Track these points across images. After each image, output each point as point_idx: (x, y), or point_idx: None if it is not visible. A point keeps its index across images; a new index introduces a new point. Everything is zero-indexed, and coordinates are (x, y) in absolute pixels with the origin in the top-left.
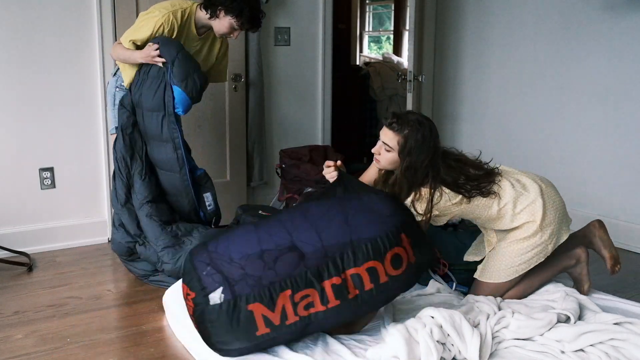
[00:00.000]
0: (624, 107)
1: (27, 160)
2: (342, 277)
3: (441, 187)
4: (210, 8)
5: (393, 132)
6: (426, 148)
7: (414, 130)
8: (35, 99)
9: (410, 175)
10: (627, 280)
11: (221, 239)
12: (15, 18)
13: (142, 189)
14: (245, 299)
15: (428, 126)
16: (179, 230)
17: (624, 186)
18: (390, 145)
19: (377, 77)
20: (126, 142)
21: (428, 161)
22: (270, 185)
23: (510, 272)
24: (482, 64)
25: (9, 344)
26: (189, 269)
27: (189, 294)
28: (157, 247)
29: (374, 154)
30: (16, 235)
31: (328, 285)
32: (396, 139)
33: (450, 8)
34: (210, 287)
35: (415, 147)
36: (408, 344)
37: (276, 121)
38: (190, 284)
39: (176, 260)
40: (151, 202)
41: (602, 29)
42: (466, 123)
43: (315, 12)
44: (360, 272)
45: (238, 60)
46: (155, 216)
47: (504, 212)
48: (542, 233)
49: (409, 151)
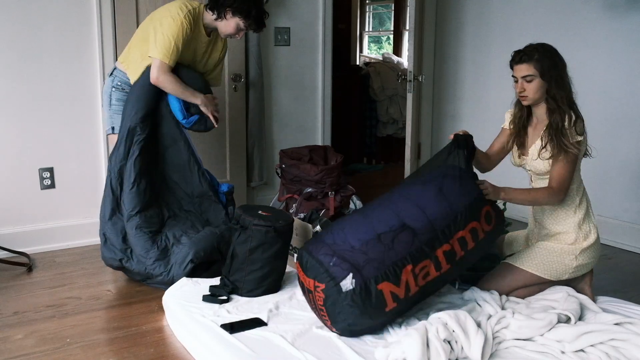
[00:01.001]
0: (624, 107)
1: (27, 160)
2: (450, 242)
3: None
4: (217, 9)
5: (525, 64)
6: (559, 62)
7: (541, 51)
8: (35, 99)
9: (561, 88)
10: (627, 280)
11: (334, 231)
12: (15, 18)
13: (132, 198)
14: (374, 280)
15: (549, 46)
16: (168, 240)
17: (624, 186)
18: (531, 74)
19: (377, 77)
20: (125, 151)
21: (566, 74)
22: (270, 186)
23: (548, 270)
24: (482, 64)
25: (8, 344)
26: (313, 264)
27: (317, 287)
28: (148, 260)
29: (518, 93)
30: (16, 235)
31: (440, 253)
32: (532, 66)
33: (450, 8)
34: (339, 276)
35: (552, 64)
36: (423, 345)
37: (276, 121)
38: (317, 277)
39: (168, 271)
40: (140, 212)
41: (602, 29)
42: (466, 123)
43: (315, 12)
44: (464, 235)
45: (238, 60)
46: (144, 228)
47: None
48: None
49: (549, 68)
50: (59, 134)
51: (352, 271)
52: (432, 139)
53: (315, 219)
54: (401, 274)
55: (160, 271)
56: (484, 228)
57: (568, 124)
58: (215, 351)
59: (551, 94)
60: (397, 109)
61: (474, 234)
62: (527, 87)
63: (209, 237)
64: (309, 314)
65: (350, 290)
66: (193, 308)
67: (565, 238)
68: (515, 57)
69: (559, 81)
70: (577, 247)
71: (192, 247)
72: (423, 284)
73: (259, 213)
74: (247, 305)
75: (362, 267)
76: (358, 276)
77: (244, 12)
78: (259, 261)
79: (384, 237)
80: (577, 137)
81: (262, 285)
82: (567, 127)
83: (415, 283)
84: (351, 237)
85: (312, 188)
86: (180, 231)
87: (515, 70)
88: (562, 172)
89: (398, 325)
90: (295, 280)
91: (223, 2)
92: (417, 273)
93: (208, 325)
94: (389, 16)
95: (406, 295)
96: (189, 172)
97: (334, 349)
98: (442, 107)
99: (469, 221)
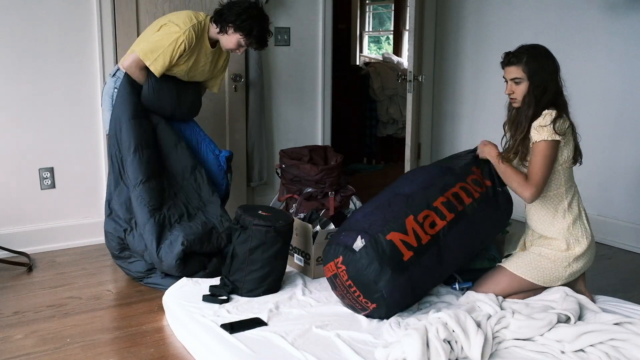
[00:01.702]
0: (624, 107)
1: (27, 160)
2: (445, 195)
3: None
4: (220, 23)
5: (514, 66)
6: (548, 65)
7: (530, 54)
8: (35, 99)
9: (540, 92)
10: (627, 280)
11: (347, 220)
12: (15, 19)
13: (134, 168)
14: (382, 233)
15: (541, 47)
16: (165, 219)
17: (624, 186)
18: (519, 77)
19: (377, 77)
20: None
21: (554, 79)
22: (270, 186)
23: (538, 275)
24: (482, 63)
25: (8, 344)
26: (328, 249)
27: (337, 264)
28: (144, 232)
29: (508, 95)
30: (16, 235)
31: (438, 203)
32: (520, 69)
33: (450, 8)
34: (350, 241)
35: (539, 67)
36: (423, 345)
37: (276, 121)
38: (335, 255)
39: (157, 250)
40: (143, 183)
41: (602, 29)
42: (466, 123)
43: (315, 12)
44: (456, 190)
45: (238, 60)
46: (144, 199)
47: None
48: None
49: (535, 72)
50: (59, 134)
51: (360, 233)
52: (432, 139)
53: (315, 219)
54: (405, 224)
55: (153, 246)
56: (475, 189)
57: (542, 121)
58: (215, 351)
59: (532, 93)
60: (397, 109)
61: (467, 191)
62: (516, 89)
63: (201, 228)
64: (309, 314)
65: (362, 247)
66: (193, 308)
67: (556, 245)
68: (504, 58)
69: (544, 84)
70: (570, 254)
71: (183, 231)
72: (434, 233)
73: (259, 213)
74: (247, 305)
75: (367, 228)
76: (366, 235)
77: (246, 30)
78: (259, 261)
79: (380, 205)
80: (553, 136)
81: (262, 285)
82: (539, 124)
83: (424, 231)
84: (356, 216)
85: (312, 188)
86: (176, 216)
87: (505, 71)
88: (534, 167)
89: (398, 325)
90: (295, 280)
91: (226, 18)
92: (421, 221)
93: (208, 325)
94: (389, 16)
95: (419, 244)
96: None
97: (334, 349)
98: (442, 107)
99: (458, 180)
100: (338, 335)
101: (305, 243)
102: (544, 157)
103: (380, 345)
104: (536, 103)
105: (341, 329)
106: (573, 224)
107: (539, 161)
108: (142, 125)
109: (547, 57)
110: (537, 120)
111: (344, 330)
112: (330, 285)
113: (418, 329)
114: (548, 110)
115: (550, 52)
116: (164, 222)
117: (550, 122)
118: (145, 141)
